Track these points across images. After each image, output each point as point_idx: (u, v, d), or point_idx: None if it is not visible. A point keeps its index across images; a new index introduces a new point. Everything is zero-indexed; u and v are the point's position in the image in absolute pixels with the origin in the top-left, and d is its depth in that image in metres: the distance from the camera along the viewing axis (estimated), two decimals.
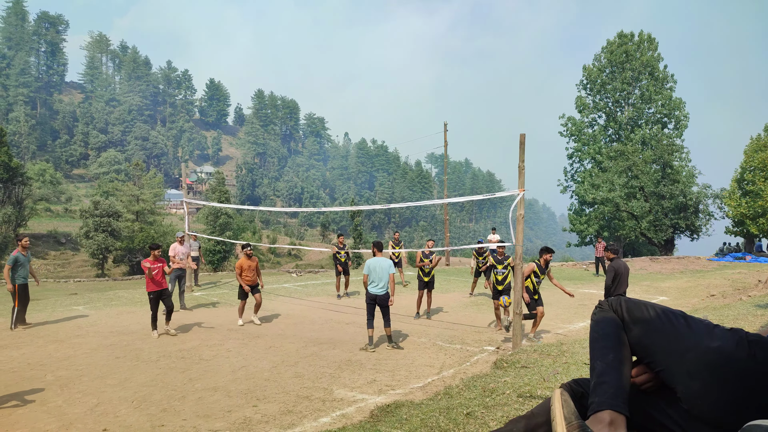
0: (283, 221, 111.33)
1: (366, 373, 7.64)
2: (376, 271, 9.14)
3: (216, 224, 44.77)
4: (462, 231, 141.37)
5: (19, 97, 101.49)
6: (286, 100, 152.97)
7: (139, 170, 54.25)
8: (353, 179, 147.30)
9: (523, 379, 5.88)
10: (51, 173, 72.67)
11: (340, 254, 14.96)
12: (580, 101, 41.35)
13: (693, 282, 17.52)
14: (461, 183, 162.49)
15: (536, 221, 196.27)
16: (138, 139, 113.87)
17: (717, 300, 13.27)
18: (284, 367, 7.97)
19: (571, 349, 7.49)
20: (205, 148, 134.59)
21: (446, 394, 5.81)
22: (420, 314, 12.09)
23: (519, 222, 8.61)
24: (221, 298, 15.03)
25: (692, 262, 23.47)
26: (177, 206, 74.81)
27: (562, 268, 24.57)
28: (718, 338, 1.62)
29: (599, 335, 1.83)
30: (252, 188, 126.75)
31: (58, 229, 48.43)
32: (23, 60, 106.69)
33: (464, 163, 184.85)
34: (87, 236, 36.31)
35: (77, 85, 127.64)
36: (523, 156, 8.61)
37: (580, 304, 13.53)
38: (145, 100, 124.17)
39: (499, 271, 10.60)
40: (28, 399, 6.50)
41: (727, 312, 9.78)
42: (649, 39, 39.00)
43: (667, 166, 31.96)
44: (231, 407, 6.25)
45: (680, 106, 38.13)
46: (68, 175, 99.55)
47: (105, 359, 8.37)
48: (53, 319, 11.57)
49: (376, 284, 9.13)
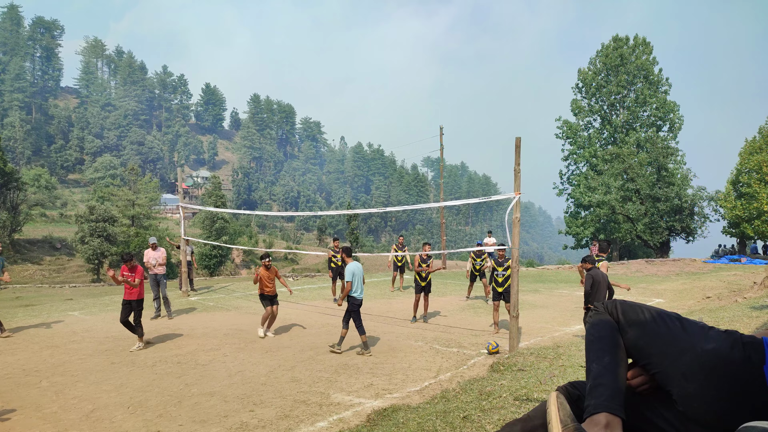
0: (280, 225, 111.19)
1: (363, 377, 7.63)
2: (358, 276, 9.11)
3: (212, 229, 44.66)
4: (458, 234, 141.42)
5: (15, 102, 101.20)
6: (282, 105, 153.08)
7: (135, 175, 54.14)
8: (349, 183, 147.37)
9: (520, 382, 5.88)
10: (46, 178, 72.44)
11: (336, 258, 14.83)
12: (575, 104, 41.51)
13: (689, 284, 17.57)
14: (457, 186, 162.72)
15: (532, 224, 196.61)
16: (134, 143, 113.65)
17: (712, 302, 13.31)
18: (281, 371, 7.95)
19: (567, 352, 7.50)
20: (201, 152, 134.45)
21: (443, 398, 5.81)
22: (417, 318, 12.07)
23: (515, 225, 8.63)
24: (217, 302, 14.99)
25: (688, 265, 23.53)
26: (173, 211, 74.66)
27: (558, 271, 24.62)
28: (714, 340, 1.63)
29: (595, 338, 1.83)
30: (248, 192, 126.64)
31: (54, 235, 48.20)
32: (18, 65, 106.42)
33: (460, 167, 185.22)
34: (82, 241, 36.17)
35: (73, 90, 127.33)
36: (518, 159, 8.63)
37: (576, 307, 13.55)
38: (141, 104, 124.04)
39: (499, 273, 10.61)
40: (23, 405, 6.46)
41: (722, 314, 9.80)
42: (644, 43, 39.22)
43: (662, 168, 32.08)
44: (227, 412, 6.23)
45: (674, 109, 38.36)
46: (64, 180, 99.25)
47: (100, 364, 8.34)
48: (48, 324, 11.51)
49: (359, 290, 9.07)
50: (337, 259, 14.81)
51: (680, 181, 31.38)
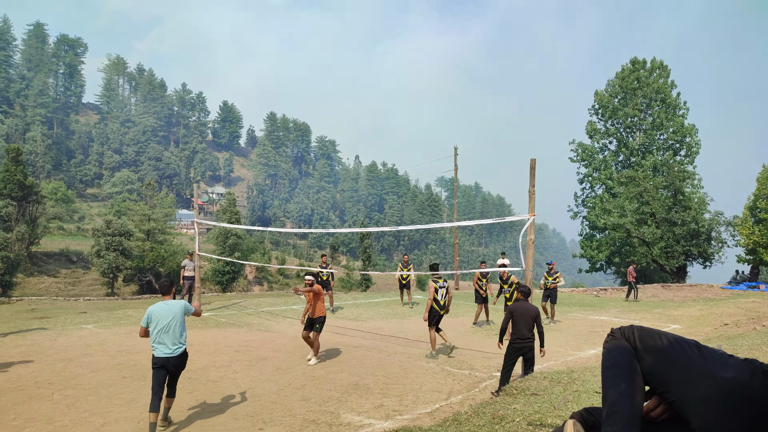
0: (293, 242, 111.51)
1: (373, 397, 7.56)
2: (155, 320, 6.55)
3: (226, 245, 44.89)
4: (471, 255, 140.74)
5: (37, 117, 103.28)
6: (298, 123, 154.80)
7: (151, 190, 54.76)
8: (363, 201, 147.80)
9: (533, 406, 5.79)
10: (63, 191, 73.53)
11: (323, 273, 15.54)
12: (591, 126, 41.41)
13: (706, 310, 17.26)
14: (471, 207, 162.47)
15: (546, 246, 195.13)
16: (151, 159, 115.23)
17: (730, 329, 13.05)
18: (291, 389, 7.91)
19: (582, 377, 7.38)
20: (217, 169, 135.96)
21: (455, 421, 5.73)
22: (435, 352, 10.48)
23: (529, 247, 8.59)
24: (229, 318, 15.01)
25: (705, 290, 23.16)
26: (188, 226, 75.23)
27: (572, 294, 24.34)
28: (733, 368, 1.60)
29: (612, 363, 1.82)
30: (263, 209, 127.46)
31: (70, 248, 48.78)
32: (42, 81, 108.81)
33: (474, 187, 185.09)
34: (98, 255, 36.54)
35: (93, 106, 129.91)
36: (533, 181, 8.62)
37: (591, 331, 13.37)
38: (160, 121, 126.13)
39: (505, 290, 12.16)
40: (35, 418, 6.49)
41: (741, 342, 9.60)
42: (662, 66, 39.13)
43: (679, 192, 31.76)
44: (237, 430, 6.21)
45: (692, 133, 38.04)
46: (82, 194, 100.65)
47: (112, 379, 8.36)
48: (62, 337, 11.60)
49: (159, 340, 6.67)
50: (323, 274, 15.61)
51: (697, 205, 31.01)
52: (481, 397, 7.32)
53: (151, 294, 32.73)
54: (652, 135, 39.19)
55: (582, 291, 26.30)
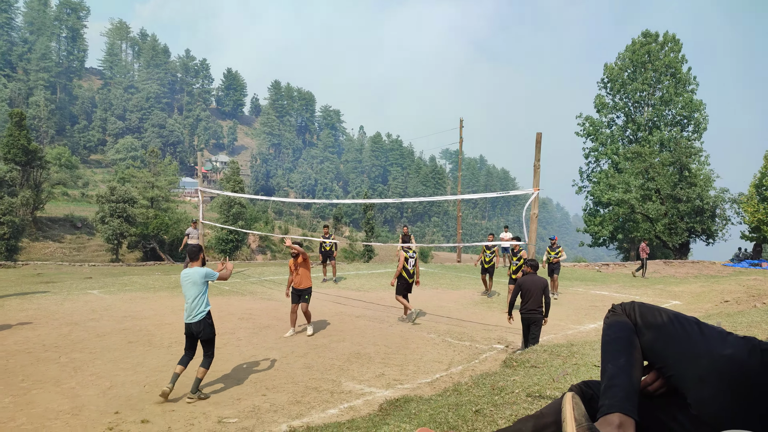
0: (296, 212, 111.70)
1: (374, 366, 7.68)
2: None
3: (229, 213, 44.96)
4: (474, 228, 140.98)
5: (40, 81, 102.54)
6: (303, 92, 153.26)
7: (155, 157, 54.55)
8: (367, 173, 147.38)
9: (533, 378, 5.87)
10: (68, 157, 73.42)
11: (326, 243, 15.90)
12: (599, 100, 40.98)
13: (707, 287, 17.33)
14: (475, 180, 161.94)
15: (549, 220, 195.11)
16: (155, 126, 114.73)
17: (731, 306, 13.13)
18: (293, 357, 8.04)
19: (581, 351, 7.46)
20: (220, 137, 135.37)
21: (455, 391, 5.82)
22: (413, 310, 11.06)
23: (532, 221, 8.60)
24: (233, 287, 15.16)
25: (707, 267, 23.22)
26: (191, 194, 75.40)
27: (574, 269, 24.44)
28: (731, 346, 1.62)
29: (611, 338, 1.84)
30: (266, 179, 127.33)
31: (75, 213, 48.90)
32: (44, 45, 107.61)
33: (479, 160, 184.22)
34: (102, 221, 36.65)
35: (97, 71, 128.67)
36: (539, 155, 8.57)
37: (591, 306, 13.47)
38: (163, 87, 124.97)
39: (513, 262, 12.51)
40: (42, 380, 6.62)
41: (740, 319, 9.67)
42: (674, 40, 38.46)
43: (685, 168, 31.57)
44: (240, 395, 6.33)
45: (700, 108, 37.63)
46: (86, 160, 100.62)
47: (118, 343, 8.50)
48: (68, 302, 11.75)
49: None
50: (326, 244, 15.94)
51: (703, 182, 30.85)
52: (480, 368, 7.43)
53: (155, 261, 32.99)
54: (660, 110, 38.78)
55: (584, 266, 26.40)
